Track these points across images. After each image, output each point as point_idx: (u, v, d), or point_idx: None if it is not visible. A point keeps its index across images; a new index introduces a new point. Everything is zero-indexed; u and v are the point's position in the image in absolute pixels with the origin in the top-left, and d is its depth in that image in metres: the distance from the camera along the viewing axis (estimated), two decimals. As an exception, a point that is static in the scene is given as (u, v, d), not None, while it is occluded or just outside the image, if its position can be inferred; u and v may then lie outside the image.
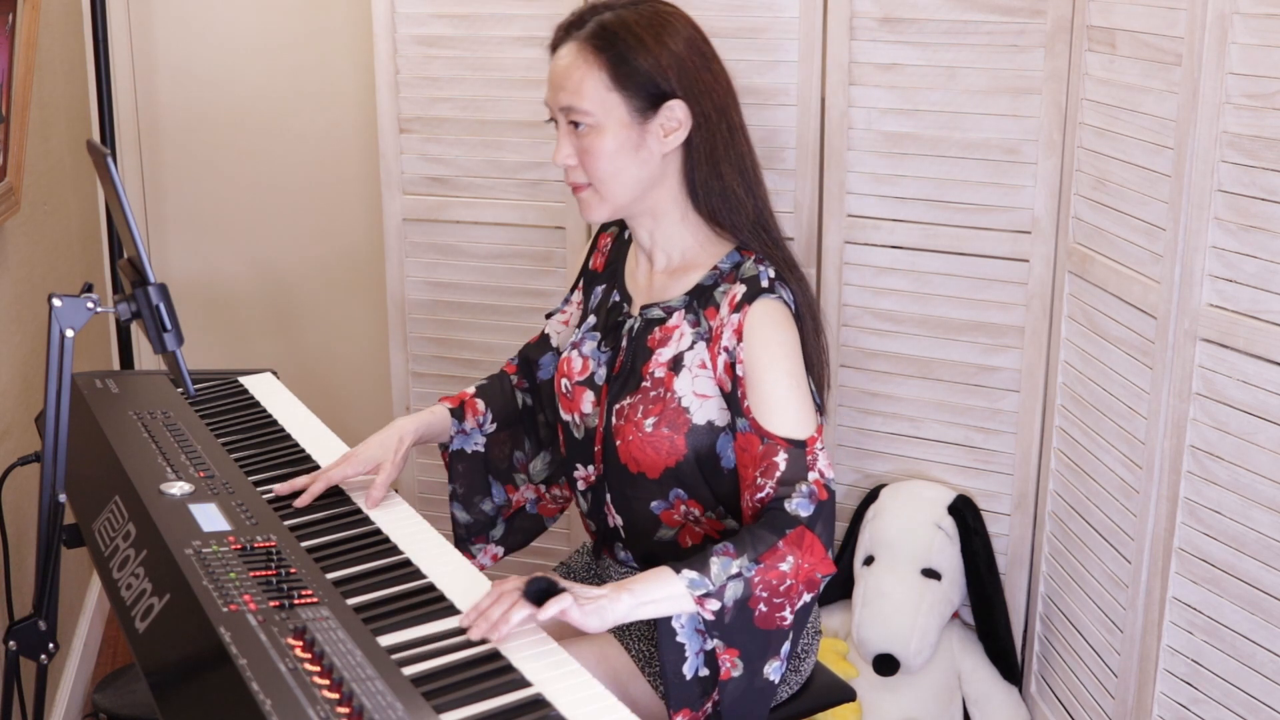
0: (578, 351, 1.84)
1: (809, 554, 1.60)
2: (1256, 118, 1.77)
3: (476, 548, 2.01)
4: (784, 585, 1.59)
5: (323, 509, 1.76)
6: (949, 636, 2.43)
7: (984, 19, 2.28)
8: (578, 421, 1.83)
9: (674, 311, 1.74)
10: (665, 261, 1.79)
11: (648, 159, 1.70)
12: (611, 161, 1.68)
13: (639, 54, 1.67)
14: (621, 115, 1.67)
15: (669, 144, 1.70)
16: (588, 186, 1.73)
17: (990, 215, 2.35)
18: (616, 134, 1.68)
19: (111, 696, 2.59)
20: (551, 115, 1.74)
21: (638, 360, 1.75)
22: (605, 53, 1.67)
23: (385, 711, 1.25)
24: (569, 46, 1.70)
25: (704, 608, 1.55)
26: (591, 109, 1.67)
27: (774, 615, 1.60)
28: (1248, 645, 1.86)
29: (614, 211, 1.75)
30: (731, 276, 1.71)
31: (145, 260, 1.59)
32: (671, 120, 1.69)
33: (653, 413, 1.71)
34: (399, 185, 2.80)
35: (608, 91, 1.67)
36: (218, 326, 3.34)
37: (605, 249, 1.94)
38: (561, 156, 1.71)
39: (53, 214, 2.71)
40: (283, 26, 3.15)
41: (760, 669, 1.61)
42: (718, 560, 1.56)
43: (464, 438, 1.99)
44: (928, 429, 2.50)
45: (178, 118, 3.25)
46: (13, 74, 2.22)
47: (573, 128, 1.70)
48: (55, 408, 1.56)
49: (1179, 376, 1.93)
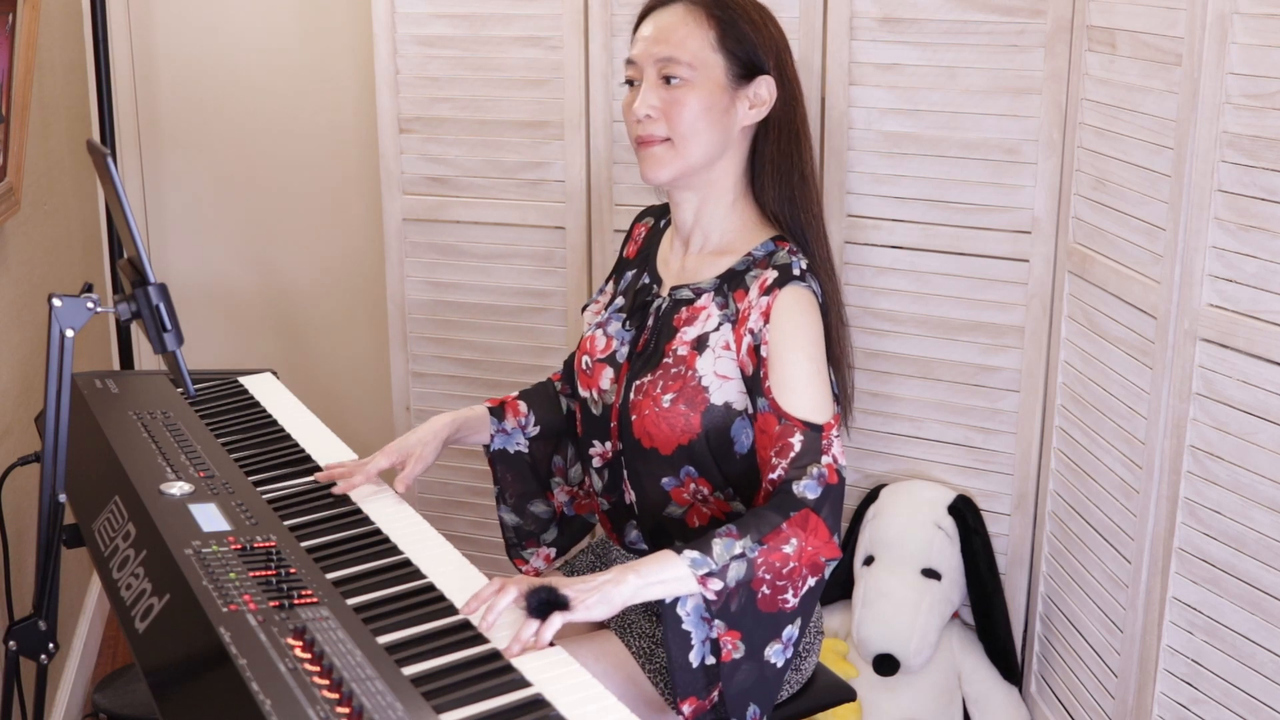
0: (602, 330, 1.87)
1: (813, 536, 1.61)
2: (1256, 118, 1.77)
3: (529, 551, 2.02)
4: (787, 567, 1.60)
5: (323, 509, 1.76)
6: (949, 636, 2.43)
7: (984, 19, 2.28)
8: (595, 398, 1.85)
9: (703, 293, 1.77)
10: (701, 243, 1.82)
11: (729, 126, 1.75)
12: (699, 117, 1.72)
13: (746, 25, 1.75)
14: (718, 76, 1.73)
15: (752, 116, 1.76)
16: (664, 141, 1.74)
17: (990, 215, 2.35)
18: (710, 92, 1.72)
19: (111, 696, 2.60)
20: (630, 76, 1.77)
21: (661, 338, 1.78)
22: (717, 14, 1.74)
23: (385, 711, 1.25)
24: (678, 5, 1.76)
25: (706, 587, 1.55)
26: (693, 61, 1.72)
27: (776, 598, 1.60)
28: (1248, 645, 1.86)
29: (681, 171, 1.75)
30: (764, 263, 1.75)
31: (145, 260, 1.59)
32: (761, 94, 1.75)
33: (671, 389, 1.73)
34: (399, 185, 2.80)
35: (712, 51, 1.73)
36: (218, 326, 3.34)
37: (639, 237, 1.96)
38: (645, 107, 1.73)
39: (53, 214, 2.71)
40: (283, 26, 3.15)
41: (761, 651, 1.62)
42: (720, 541, 1.57)
43: (505, 437, 1.99)
44: (928, 429, 2.50)
45: (178, 118, 3.25)
46: (13, 74, 2.22)
47: (663, 82, 1.73)
48: (55, 408, 1.56)
49: (1179, 376, 1.93)
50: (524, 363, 2.79)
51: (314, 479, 1.84)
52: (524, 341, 2.78)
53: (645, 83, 1.74)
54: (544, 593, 1.47)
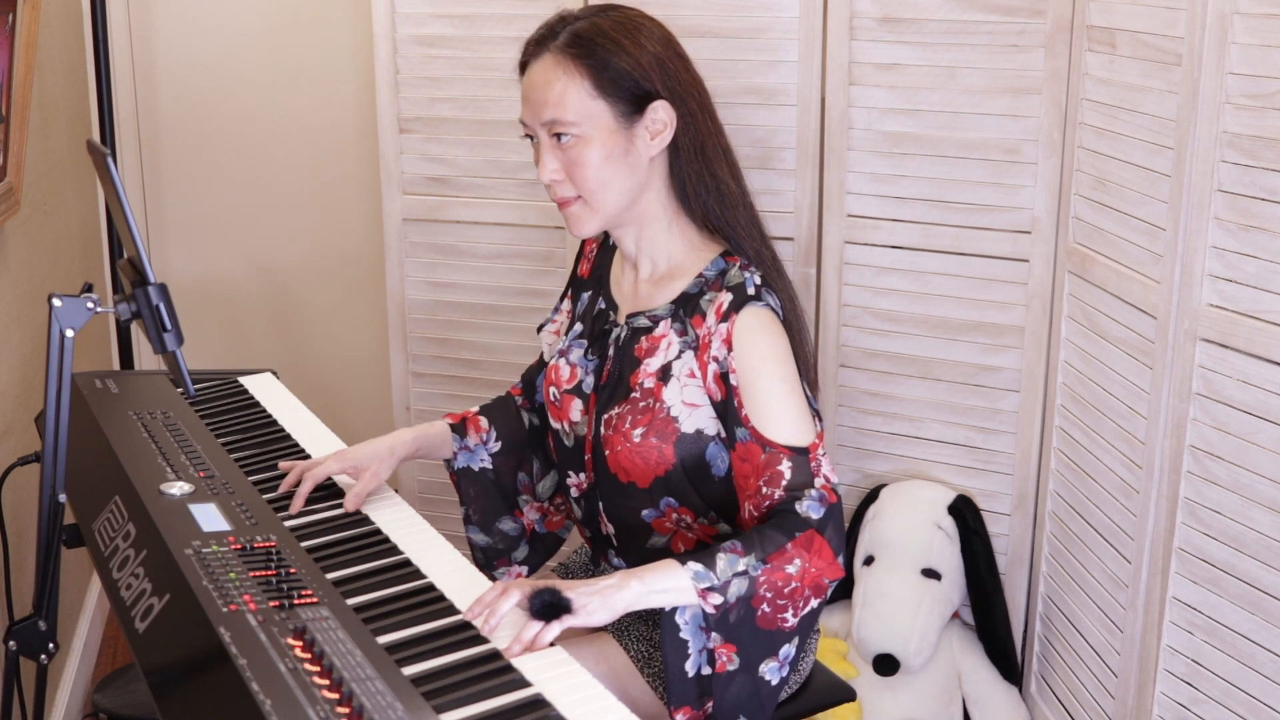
0: (565, 359, 1.83)
1: (817, 558, 1.59)
2: (1256, 118, 1.77)
3: (499, 571, 1.99)
4: (789, 587, 1.58)
5: (322, 509, 1.76)
6: (949, 636, 2.43)
7: (984, 19, 2.28)
8: (567, 430, 1.82)
9: (660, 320, 1.72)
10: (650, 269, 1.77)
11: (636, 164, 1.68)
12: (600, 170, 1.66)
13: (619, 58, 1.65)
14: (607, 122, 1.65)
15: (656, 146, 1.68)
16: (576, 200, 1.69)
17: (990, 215, 2.35)
18: (604, 142, 1.65)
19: (111, 696, 2.59)
20: (528, 132, 1.71)
21: (625, 370, 1.74)
22: (585, 60, 1.65)
23: (385, 711, 1.25)
24: (544, 60, 1.68)
25: (706, 601, 1.54)
26: (577, 119, 1.64)
27: (776, 616, 1.59)
28: (1248, 645, 1.86)
29: (604, 223, 1.71)
30: (717, 284, 1.69)
31: (145, 260, 1.59)
32: (657, 122, 1.67)
33: (641, 423, 1.70)
34: (399, 185, 2.80)
35: (591, 99, 1.65)
36: (218, 326, 3.34)
37: (591, 255, 1.92)
38: (548, 173, 1.68)
39: (53, 214, 2.71)
40: (283, 26, 3.15)
41: (756, 667, 1.61)
42: (724, 556, 1.55)
43: (468, 454, 1.96)
44: (928, 429, 2.50)
45: (178, 118, 3.25)
46: (13, 74, 2.22)
47: (556, 141, 1.67)
48: (55, 408, 1.56)
49: (1179, 376, 1.93)
50: (524, 363, 2.78)
51: (273, 494, 1.79)
52: (524, 342, 2.78)
53: (542, 146, 1.68)
54: (547, 594, 1.47)
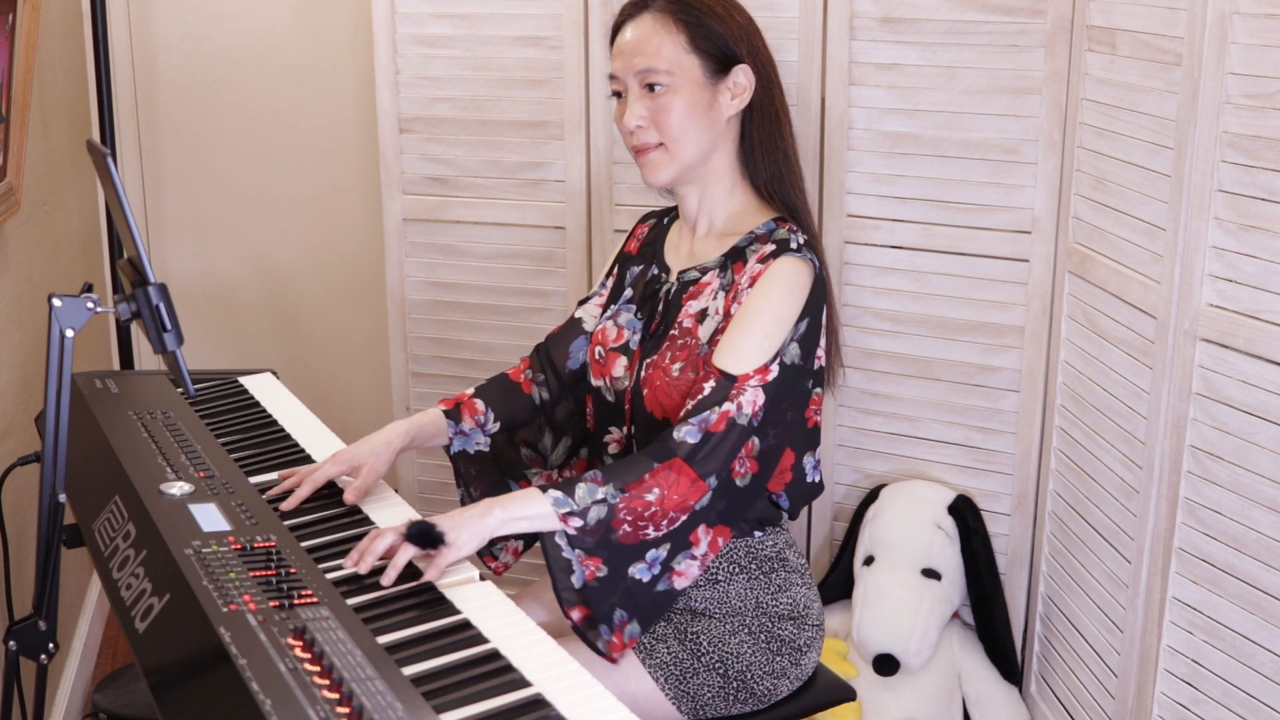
0: (613, 321, 1.93)
1: (676, 487, 1.66)
2: (1256, 118, 1.77)
3: (497, 547, 2.01)
4: (649, 511, 1.66)
5: (322, 509, 1.76)
6: (949, 636, 2.43)
7: (984, 19, 2.28)
8: (608, 386, 1.91)
9: (709, 271, 1.86)
10: (707, 227, 1.91)
11: (715, 120, 1.83)
12: (685, 119, 1.81)
13: (714, 21, 1.82)
14: (696, 76, 1.81)
15: (734, 106, 1.84)
16: (657, 146, 1.83)
17: (990, 215, 2.35)
18: (692, 93, 1.81)
19: (111, 696, 2.59)
20: (616, 89, 1.86)
21: (670, 316, 1.85)
22: (683, 18, 1.82)
23: (385, 711, 1.25)
24: (645, 17, 1.83)
25: (568, 524, 1.63)
26: (670, 69, 1.80)
27: (638, 534, 1.67)
28: (1248, 645, 1.86)
29: (680, 171, 1.85)
30: (765, 238, 1.83)
31: (145, 260, 1.59)
32: (739, 85, 1.84)
33: (679, 358, 1.80)
34: (399, 185, 2.80)
35: (685, 54, 1.81)
36: (218, 326, 3.34)
37: (642, 235, 2.04)
38: (634, 118, 1.82)
39: (53, 214, 2.71)
40: (283, 26, 3.15)
41: (625, 571, 1.67)
42: (584, 485, 1.65)
43: (464, 439, 2.00)
44: (928, 429, 2.50)
45: (178, 118, 3.25)
46: (13, 74, 2.22)
47: (647, 91, 1.81)
48: (55, 408, 1.56)
49: (1179, 376, 1.93)
50: (524, 363, 2.79)
51: (268, 494, 1.78)
52: (524, 341, 2.77)
53: (630, 95, 1.83)
54: (423, 524, 1.57)
